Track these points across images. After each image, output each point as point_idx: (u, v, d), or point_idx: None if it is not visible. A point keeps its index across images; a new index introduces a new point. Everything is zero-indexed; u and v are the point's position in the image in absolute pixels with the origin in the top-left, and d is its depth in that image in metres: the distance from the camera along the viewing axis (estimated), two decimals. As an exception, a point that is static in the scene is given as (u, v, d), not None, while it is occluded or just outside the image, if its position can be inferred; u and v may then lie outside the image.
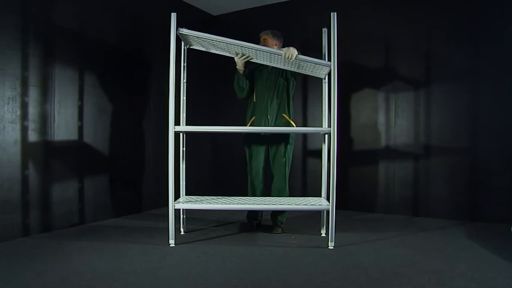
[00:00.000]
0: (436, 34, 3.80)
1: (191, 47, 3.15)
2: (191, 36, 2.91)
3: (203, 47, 3.13)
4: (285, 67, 3.12)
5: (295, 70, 3.14)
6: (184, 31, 2.83)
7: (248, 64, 3.17)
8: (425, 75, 3.87)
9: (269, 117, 3.19)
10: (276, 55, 2.93)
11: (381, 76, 4.07)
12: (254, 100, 3.26)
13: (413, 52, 3.92)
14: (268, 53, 2.94)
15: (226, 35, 5.19)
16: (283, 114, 3.20)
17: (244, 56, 3.04)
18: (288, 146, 3.21)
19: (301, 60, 2.89)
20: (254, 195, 3.26)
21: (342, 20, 3.05)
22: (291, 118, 3.23)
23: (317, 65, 2.94)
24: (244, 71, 3.18)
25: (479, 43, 3.61)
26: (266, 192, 3.30)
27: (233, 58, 3.13)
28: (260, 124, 3.19)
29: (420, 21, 3.87)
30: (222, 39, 2.88)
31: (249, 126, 3.23)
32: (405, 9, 3.96)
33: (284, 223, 3.27)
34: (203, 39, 2.93)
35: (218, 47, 3.06)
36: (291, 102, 3.26)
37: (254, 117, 3.25)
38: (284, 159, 3.20)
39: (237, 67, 3.13)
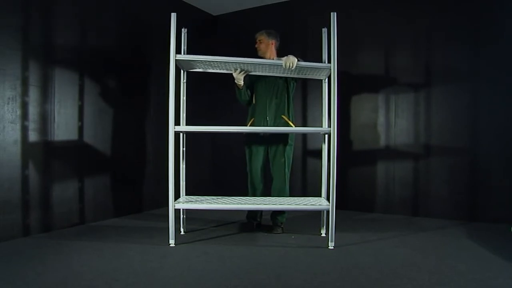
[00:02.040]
0: (436, 34, 3.80)
1: (189, 70, 3.16)
2: (189, 61, 2.93)
3: (200, 68, 3.13)
4: (285, 75, 3.12)
5: (296, 76, 3.14)
6: (181, 56, 2.85)
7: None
8: (425, 75, 3.87)
9: (268, 119, 3.19)
10: (275, 65, 2.93)
11: (381, 76, 4.07)
12: (254, 102, 3.27)
13: (413, 52, 3.92)
14: (268, 65, 2.94)
15: (226, 35, 5.21)
16: (282, 116, 3.20)
17: (243, 71, 3.05)
18: (287, 147, 3.21)
19: (301, 66, 2.89)
20: (254, 195, 3.27)
21: (342, 20, 3.05)
22: (291, 119, 3.23)
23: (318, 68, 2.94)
24: (244, 84, 3.18)
25: (479, 43, 3.61)
26: (266, 192, 3.30)
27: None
28: (259, 125, 3.19)
29: (420, 21, 3.87)
30: (221, 59, 2.88)
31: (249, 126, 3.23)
32: (405, 9, 3.96)
33: (284, 223, 3.27)
34: (199, 60, 2.93)
35: (215, 67, 3.06)
36: (291, 104, 3.25)
37: (253, 118, 3.25)
38: (283, 159, 3.19)
39: (236, 82, 3.12)
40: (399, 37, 3.98)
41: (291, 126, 3.21)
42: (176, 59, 2.79)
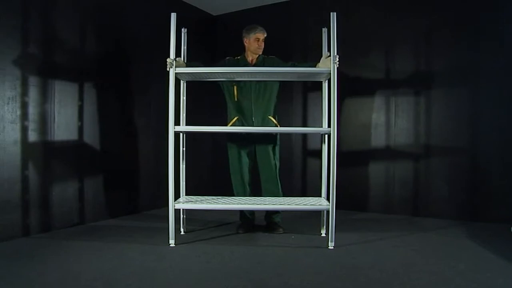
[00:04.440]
0: (436, 34, 3.80)
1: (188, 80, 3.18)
2: (189, 73, 2.95)
3: (201, 78, 3.16)
4: (284, 79, 3.10)
5: (295, 79, 3.12)
6: (180, 70, 2.85)
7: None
8: (425, 75, 3.87)
9: (253, 119, 3.13)
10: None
11: (381, 76, 4.07)
12: (237, 99, 3.13)
13: (413, 52, 3.92)
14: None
15: (226, 35, 5.20)
16: (269, 117, 3.15)
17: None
18: (276, 148, 3.20)
19: (301, 72, 2.89)
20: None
21: (342, 20, 3.04)
22: (277, 120, 3.21)
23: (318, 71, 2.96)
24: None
25: (479, 43, 3.61)
26: (256, 192, 3.30)
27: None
28: (244, 125, 3.12)
29: (420, 21, 3.87)
30: (220, 69, 2.92)
31: (230, 126, 3.14)
32: (405, 9, 3.95)
33: (281, 221, 3.28)
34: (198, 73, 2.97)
35: (215, 77, 3.07)
36: (276, 105, 3.21)
37: (236, 117, 3.14)
38: (274, 161, 3.18)
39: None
40: (399, 37, 3.97)
41: (277, 126, 3.19)
42: (176, 72, 2.80)
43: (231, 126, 3.15)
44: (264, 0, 4.59)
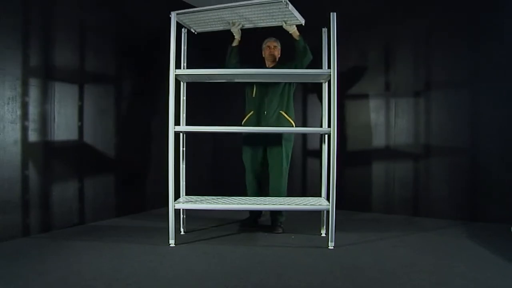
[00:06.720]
0: (436, 34, 3.80)
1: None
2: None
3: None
4: (284, 80, 3.15)
5: (295, 81, 3.19)
6: (180, 71, 2.89)
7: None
8: (425, 75, 3.87)
9: (265, 113, 3.22)
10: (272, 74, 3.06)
11: (381, 76, 4.07)
12: (254, 95, 3.27)
13: (413, 52, 3.92)
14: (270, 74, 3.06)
15: (226, 35, 5.19)
16: (281, 111, 3.23)
17: (240, 24, 3.13)
18: (288, 143, 3.24)
19: (300, 73, 2.91)
20: (252, 193, 3.30)
21: (341, 19, 3.04)
22: (292, 118, 3.27)
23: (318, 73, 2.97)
24: (238, 45, 3.27)
25: (479, 43, 3.61)
26: (265, 190, 3.33)
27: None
28: (258, 119, 3.23)
29: (420, 21, 3.87)
30: (220, 71, 3.00)
31: (246, 120, 3.29)
32: (405, 9, 3.95)
33: (284, 222, 3.28)
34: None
35: (216, 78, 3.14)
36: (291, 102, 3.28)
37: (252, 111, 3.28)
38: (282, 154, 3.23)
39: (235, 37, 3.22)
40: (399, 37, 3.98)
41: (291, 124, 3.25)
42: (176, 74, 2.82)
43: (246, 121, 3.30)
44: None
